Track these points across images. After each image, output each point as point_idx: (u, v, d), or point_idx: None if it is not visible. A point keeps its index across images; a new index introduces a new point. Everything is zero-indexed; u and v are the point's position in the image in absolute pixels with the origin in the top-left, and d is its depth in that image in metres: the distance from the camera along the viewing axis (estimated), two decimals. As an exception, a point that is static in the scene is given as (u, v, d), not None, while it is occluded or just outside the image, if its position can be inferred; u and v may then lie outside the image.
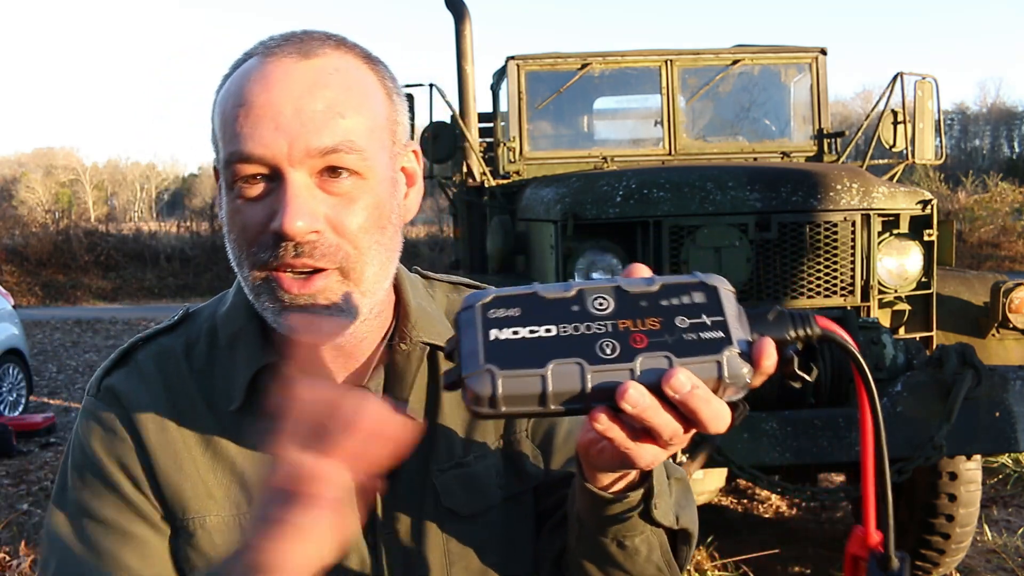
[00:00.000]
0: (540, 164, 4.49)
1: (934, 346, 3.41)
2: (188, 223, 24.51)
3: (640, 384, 0.62)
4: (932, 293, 3.47)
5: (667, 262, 3.25)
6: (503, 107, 4.95)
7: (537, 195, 3.82)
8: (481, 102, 4.74)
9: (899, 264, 3.41)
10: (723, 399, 0.64)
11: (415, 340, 0.93)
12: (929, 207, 3.41)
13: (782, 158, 4.62)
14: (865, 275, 3.31)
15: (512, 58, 4.57)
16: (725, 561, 3.82)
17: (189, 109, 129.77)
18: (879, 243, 3.35)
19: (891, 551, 0.72)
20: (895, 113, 4.35)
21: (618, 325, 0.65)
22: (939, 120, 4.33)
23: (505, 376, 0.63)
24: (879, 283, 3.35)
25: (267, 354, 0.90)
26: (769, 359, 0.64)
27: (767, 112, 4.87)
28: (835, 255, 3.29)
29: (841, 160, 4.57)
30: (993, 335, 3.55)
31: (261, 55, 0.84)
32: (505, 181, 4.44)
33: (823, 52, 4.68)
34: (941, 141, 4.59)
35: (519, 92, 4.52)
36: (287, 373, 0.88)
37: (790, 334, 0.68)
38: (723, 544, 3.97)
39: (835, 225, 3.28)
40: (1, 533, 4.49)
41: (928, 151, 4.31)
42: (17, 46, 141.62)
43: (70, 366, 10.61)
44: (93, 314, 16.46)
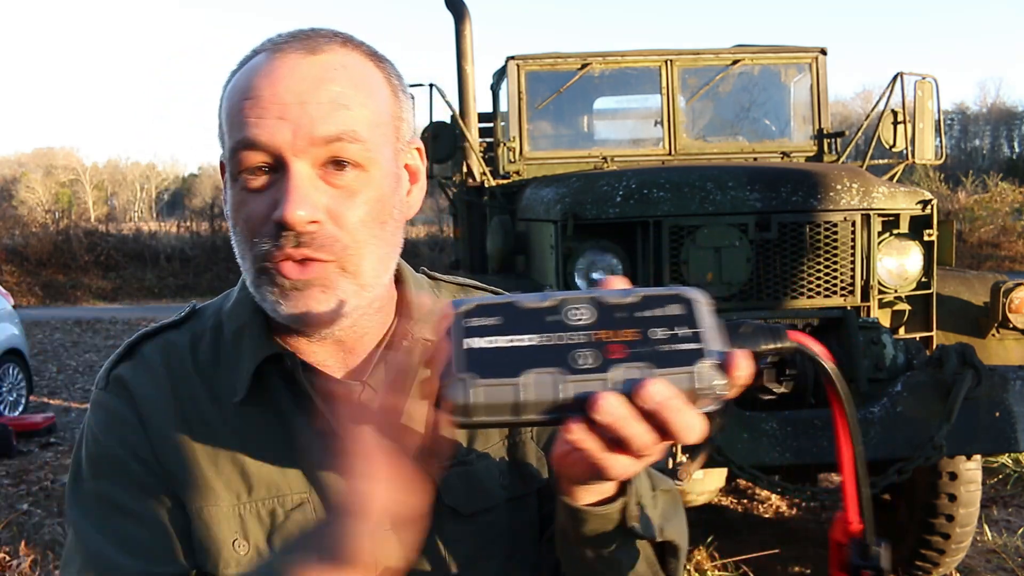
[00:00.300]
0: (540, 164, 4.49)
1: (934, 346, 3.41)
2: (188, 223, 24.52)
3: (613, 394, 0.62)
4: (932, 293, 3.47)
5: (667, 262, 3.25)
6: (503, 107, 4.95)
7: (537, 195, 3.82)
8: (481, 102, 4.74)
9: (899, 264, 3.41)
10: (698, 410, 0.64)
11: (416, 337, 0.93)
12: (929, 207, 3.41)
13: (782, 158, 4.62)
14: (865, 275, 3.31)
15: (512, 58, 4.57)
16: (725, 561, 3.82)
17: (189, 109, 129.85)
18: (879, 243, 3.35)
19: (871, 538, 0.75)
20: (895, 113, 4.35)
21: (594, 336, 0.64)
22: (939, 120, 4.33)
23: (479, 385, 0.62)
24: (879, 283, 3.35)
25: (270, 347, 0.91)
26: (742, 371, 0.64)
27: (767, 112, 4.87)
28: (835, 255, 3.29)
29: (841, 160, 4.57)
30: (993, 335, 3.55)
31: (269, 51, 0.86)
32: (505, 181, 4.44)
33: (823, 52, 4.69)
34: (941, 141, 4.59)
35: (519, 92, 4.52)
36: (294, 366, 0.89)
37: (763, 346, 0.69)
38: (723, 544, 3.97)
39: (835, 225, 3.28)
40: (1, 533, 4.50)
41: (928, 151, 4.31)
42: (17, 46, 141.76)
43: (70, 366, 10.61)
44: (93, 314, 16.46)
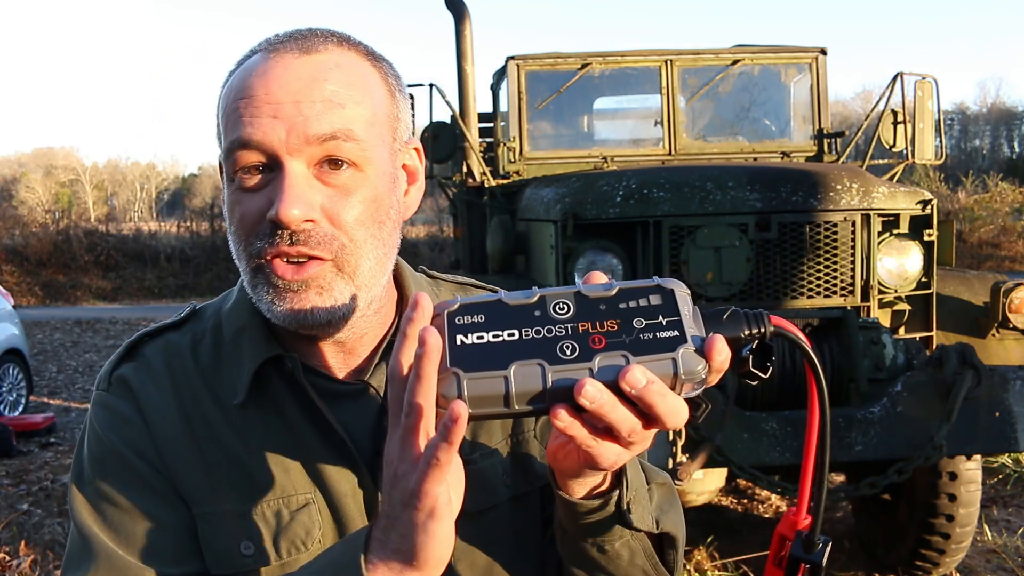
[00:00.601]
0: (540, 164, 4.49)
1: (934, 346, 3.41)
2: (188, 223, 24.52)
3: (597, 381, 0.64)
4: (932, 293, 3.47)
5: (667, 262, 3.25)
6: (503, 107, 4.95)
7: (537, 195, 3.82)
8: (481, 102, 4.74)
9: (899, 264, 3.41)
10: (680, 395, 0.67)
11: None
12: (929, 207, 3.41)
13: (782, 158, 4.62)
14: (865, 275, 3.31)
15: (512, 58, 4.57)
16: (725, 561, 3.82)
17: (189, 109, 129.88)
18: (879, 243, 3.35)
19: (817, 535, 0.78)
20: (895, 113, 4.35)
21: (578, 328, 0.67)
22: (939, 120, 4.33)
23: (470, 378, 0.65)
24: (879, 283, 3.35)
25: (270, 348, 0.90)
26: (721, 355, 0.66)
27: (767, 112, 4.87)
28: (835, 255, 3.29)
29: (841, 160, 4.57)
30: (993, 335, 3.55)
31: (264, 51, 0.86)
32: (505, 181, 4.44)
33: (823, 52, 4.69)
34: (941, 141, 4.59)
35: (519, 92, 4.52)
36: (294, 367, 0.89)
37: (744, 332, 0.71)
38: (723, 544, 3.97)
39: (835, 225, 3.28)
40: (1, 533, 4.50)
41: (928, 151, 4.31)
42: (17, 46, 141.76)
43: (70, 366, 10.61)
44: (93, 314, 16.46)
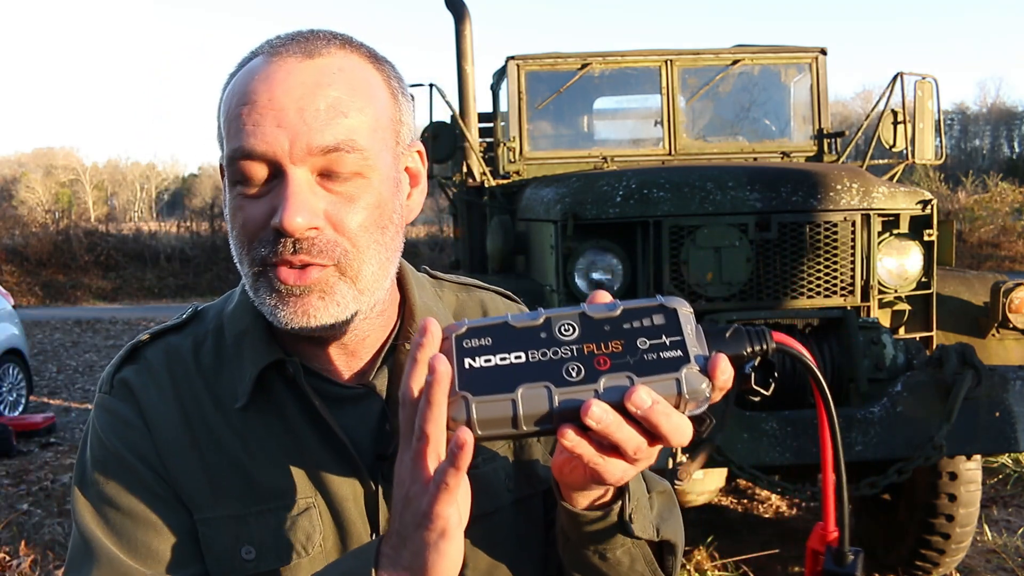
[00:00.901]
0: (540, 164, 4.49)
1: (934, 346, 3.41)
2: (188, 223, 24.51)
3: (603, 402, 0.66)
4: (932, 293, 3.47)
5: (667, 262, 3.25)
6: (503, 107, 4.95)
7: (537, 195, 3.82)
8: (481, 102, 4.74)
9: (899, 264, 3.41)
10: (685, 413, 0.68)
11: None
12: (929, 207, 3.41)
13: (782, 158, 4.62)
14: (865, 275, 3.31)
15: (512, 58, 4.57)
16: (725, 561, 3.82)
17: (189, 109, 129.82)
18: (879, 243, 3.35)
19: (846, 547, 0.79)
20: (895, 113, 4.35)
21: (583, 349, 0.69)
22: (939, 120, 4.33)
23: (479, 402, 0.67)
24: (879, 283, 3.35)
25: (272, 352, 0.90)
26: (724, 374, 0.68)
27: (767, 112, 4.87)
28: (835, 255, 3.29)
29: (841, 160, 4.56)
30: (993, 335, 3.55)
31: (267, 54, 0.85)
32: (505, 181, 4.44)
33: (823, 52, 4.68)
34: (941, 141, 4.59)
35: (519, 92, 4.52)
36: (295, 372, 0.89)
37: (747, 349, 0.72)
38: (723, 544, 3.97)
39: (835, 225, 3.28)
40: (1, 533, 4.50)
41: (928, 151, 4.31)
42: (16, 46, 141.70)
43: (70, 366, 10.61)
44: (93, 314, 16.46)
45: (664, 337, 0.69)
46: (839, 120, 31.89)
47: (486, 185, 4.39)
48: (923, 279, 3.45)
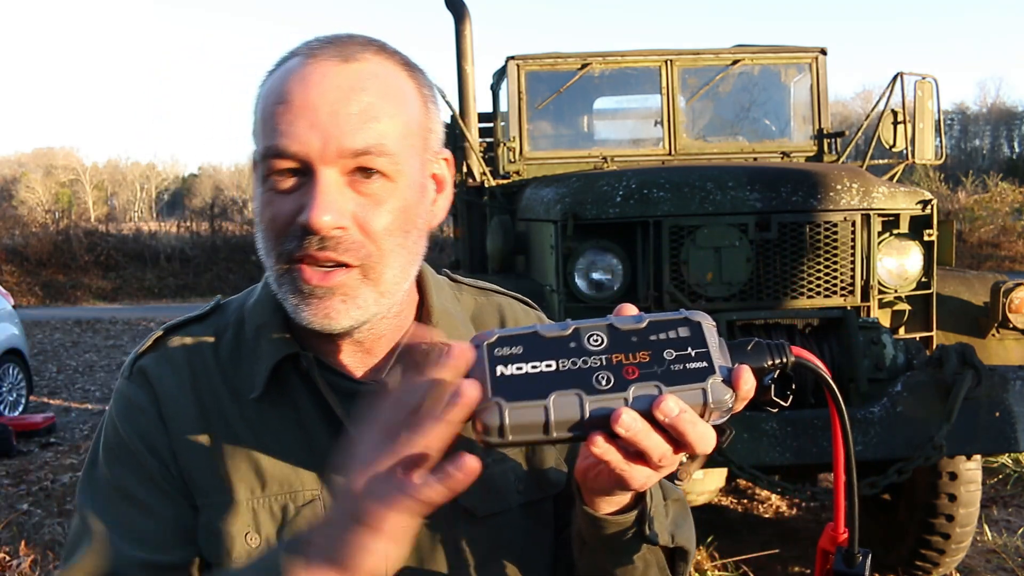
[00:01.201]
0: (540, 164, 4.49)
1: (934, 346, 3.40)
2: (188, 223, 24.53)
3: (633, 410, 0.69)
4: (932, 293, 3.47)
5: (667, 262, 3.25)
6: (503, 107, 4.95)
7: (537, 195, 3.82)
8: (481, 102, 4.74)
9: (899, 264, 3.41)
10: (709, 423, 0.71)
11: (435, 340, 0.96)
12: (929, 207, 3.41)
13: (782, 158, 4.62)
14: (865, 275, 3.31)
15: (512, 58, 4.57)
16: (725, 561, 3.82)
17: (189, 109, 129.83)
18: (879, 243, 3.35)
19: (855, 548, 0.82)
20: (895, 113, 4.34)
21: (612, 359, 0.71)
22: (939, 120, 4.32)
23: (512, 407, 0.69)
24: (879, 283, 3.35)
25: (289, 345, 0.93)
26: (747, 384, 0.71)
27: (767, 112, 4.87)
28: (835, 255, 3.29)
29: (841, 160, 4.56)
30: (993, 335, 3.55)
31: (304, 55, 0.87)
32: (505, 181, 4.44)
33: (823, 52, 4.68)
34: (941, 141, 4.59)
35: (519, 92, 4.52)
36: (309, 366, 0.92)
37: (767, 362, 0.75)
38: (723, 544, 3.97)
39: (835, 225, 3.28)
40: (1, 533, 4.50)
41: (928, 151, 4.31)
42: (16, 46, 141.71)
43: (70, 366, 10.61)
44: (93, 314, 16.47)
45: (690, 349, 0.72)
46: (839, 120, 31.90)
47: (486, 185, 4.39)
48: (923, 279, 3.45)
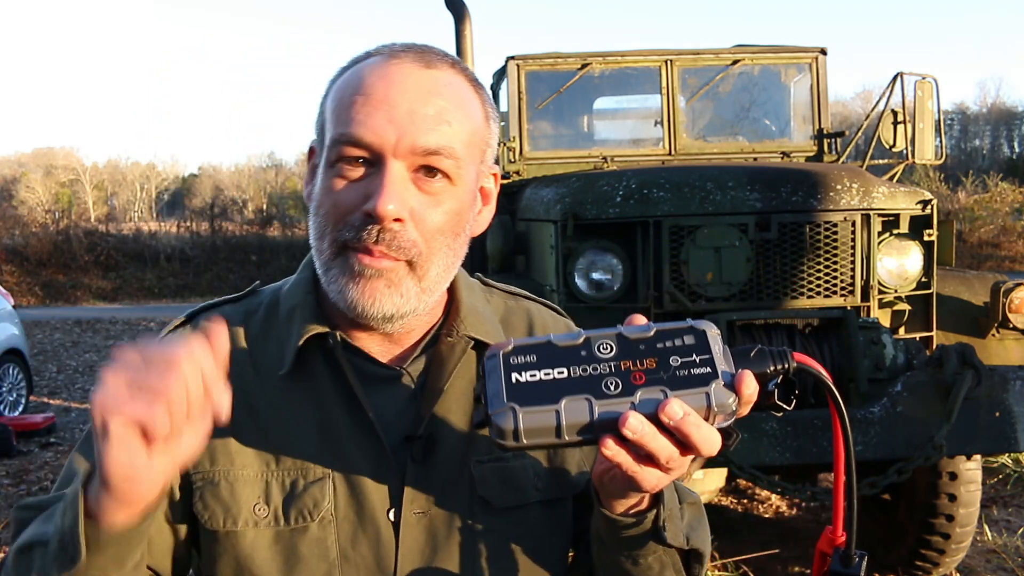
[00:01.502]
0: (540, 164, 4.49)
1: (934, 346, 3.40)
2: (188, 223, 24.55)
3: (639, 413, 0.73)
4: (932, 293, 3.47)
5: (667, 262, 3.25)
6: (503, 107, 4.95)
7: (537, 195, 3.82)
8: (481, 102, 4.73)
9: (899, 264, 3.41)
10: (713, 425, 0.75)
11: (461, 334, 1.00)
12: (929, 207, 3.41)
13: (782, 158, 4.62)
14: (865, 275, 3.31)
15: (512, 58, 4.57)
16: (725, 561, 3.82)
17: (189, 109, 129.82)
18: (879, 243, 3.35)
19: (852, 550, 0.86)
20: (895, 113, 4.34)
21: (620, 365, 0.75)
22: (939, 120, 4.32)
23: (525, 412, 0.73)
24: (879, 283, 3.35)
25: (319, 325, 0.97)
26: (749, 389, 0.75)
27: (767, 112, 4.87)
28: (835, 255, 3.29)
29: (841, 160, 4.56)
30: (993, 335, 3.55)
31: (385, 55, 0.93)
32: (505, 181, 4.44)
33: (823, 52, 4.68)
34: (941, 141, 4.58)
35: (519, 92, 4.52)
36: (334, 344, 0.95)
37: (769, 368, 0.79)
38: (723, 544, 3.97)
39: (835, 225, 3.27)
40: (1, 533, 4.49)
41: (928, 151, 4.31)
42: (16, 46, 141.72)
43: (70, 366, 10.61)
44: (93, 314, 16.47)
45: (694, 355, 0.76)
46: (839, 120, 31.90)
47: (486, 185, 4.39)
48: (923, 279, 3.45)
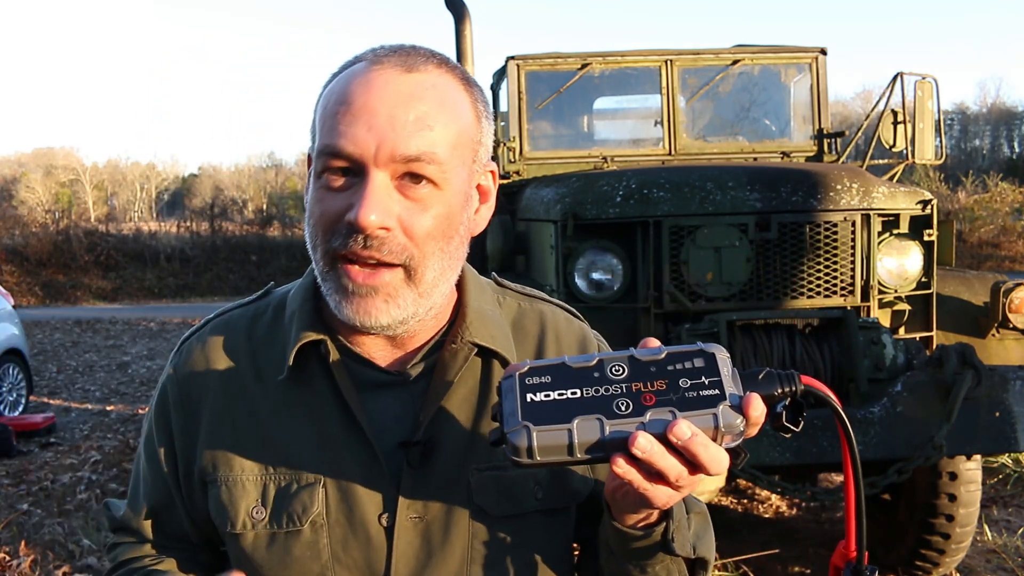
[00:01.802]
0: (540, 164, 4.49)
1: (934, 346, 3.40)
2: (188, 223, 24.55)
3: (648, 433, 0.75)
4: (932, 293, 3.47)
5: (667, 262, 3.25)
6: (503, 107, 4.95)
7: (537, 195, 3.82)
8: (481, 102, 4.73)
9: (899, 264, 3.41)
10: (721, 446, 0.76)
11: (465, 340, 0.99)
12: (929, 207, 3.41)
13: (782, 158, 4.61)
14: (865, 275, 3.31)
15: (512, 58, 4.57)
16: (725, 561, 3.82)
17: (189, 109, 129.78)
18: (879, 243, 3.34)
19: (863, 565, 0.89)
20: (895, 113, 4.34)
21: (631, 387, 0.78)
22: (939, 120, 4.32)
23: (539, 430, 0.75)
24: (879, 283, 3.35)
25: (314, 332, 0.98)
26: (756, 411, 0.76)
27: (767, 112, 4.86)
28: (835, 255, 3.29)
29: (841, 160, 4.56)
30: (993, 335, 3.55)
31: (368, 61, 0.92)
32: (505, 181, 4.44)
33: (823, 52, 4.68)
34: (941, 141, 4.58)
35: (519, 92, 4.52)
36: (327, 353, 0.97)
37: (777, 390, 0.80)
38: (723, 544, 3.95)
39: (835, 225, 3.27)
40: (1, 533, 4.49)
41: (928, 151, 4.30)
42: (16, 46, 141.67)
43: (70, 366, 10.61)
44: (93, 314, 16.47)
45: (703, 378, 0.78)
46: (839, 120, 31.90)
47: (486, 185, 4.38)
48: (923, 279, 3.45)
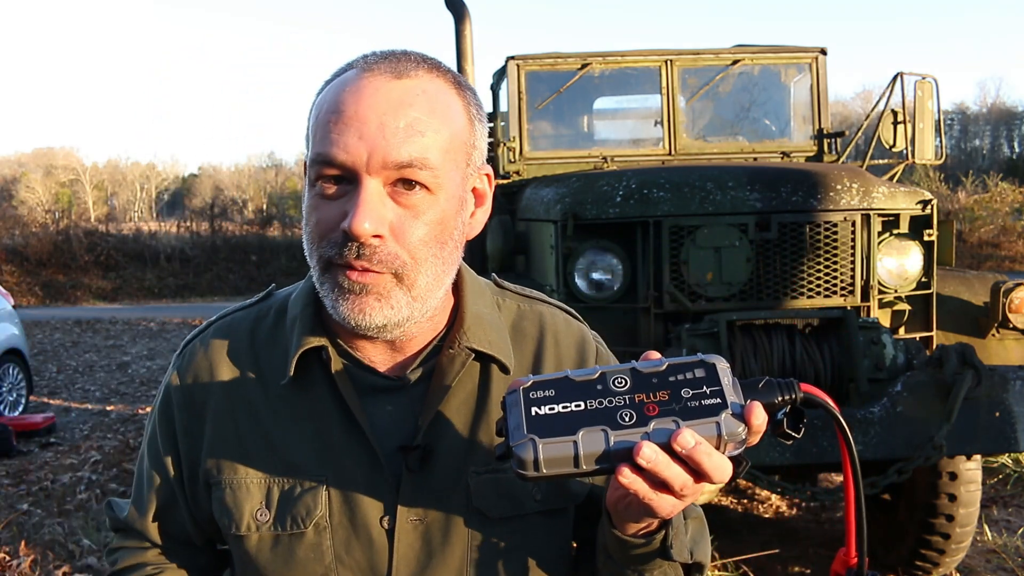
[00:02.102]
0: (540, 164, 4.49)
1: (934, 346, 3.40)
2: (188, 223, 24.55)
3: (653, 443, 0.76)
4: (932, 293, 3.47)
5: (667, 262, 3.25)
6: (503, 107, 4.95)
7: (537, 195, 3.82)
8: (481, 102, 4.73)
9: (899, 264, 3.41)
10: (724, 454, 0.78)
11: (463, 346, 1.00)
12: (929, 207, 3.41)
13: (782, 158, 4.61)
14: (865, 275, 3.31)
15: (512, 58, 4.57)
16: (725, 561, 3.82)
17: (189, 109, 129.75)
18: (879, 243, 3.34)
19: (864, 570, 0.92)
20: (895, 113, 4.34)
21: (635, 398, 0.79)
22: (939, 120, 4.32)
23: (545, 443, 0.77)
24: (879, 283, 3.35)
25: (317, 336, 0.99)
26: (758, 419, 0.78)
27: (767, 112, 4.86)
28: (835, 255, 3.28)
29: (841, 160, 4.56)
30: (993, 335, 3.54)
31: (360, 68, 0.93)
32: (505, 181, 4.44)
33: (823, 52, 4.68)
34: (941, 141, 4.58)
35: (519, 92, 4.52)
36: (327, 358, 0.98)
37: (777, 399, 0.82)
38: (723, 544, 3.97)
39: (835, 225, 3.27)
40: (1, 533, 4.49)
41: (928, 151, 4.30)
42: (16, 46, 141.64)
43: (70, 366, 10.61)
44: (93, 314, 16.47)
45: (705, 387, 0.79)
46: (839, 120, 31.90)
47: (486, 185, 4.38)
48: (923, 279, 3.45)
